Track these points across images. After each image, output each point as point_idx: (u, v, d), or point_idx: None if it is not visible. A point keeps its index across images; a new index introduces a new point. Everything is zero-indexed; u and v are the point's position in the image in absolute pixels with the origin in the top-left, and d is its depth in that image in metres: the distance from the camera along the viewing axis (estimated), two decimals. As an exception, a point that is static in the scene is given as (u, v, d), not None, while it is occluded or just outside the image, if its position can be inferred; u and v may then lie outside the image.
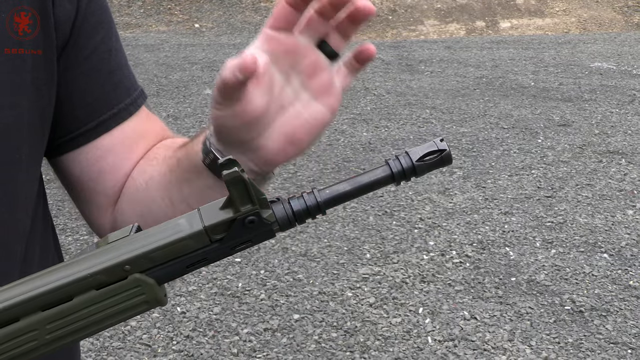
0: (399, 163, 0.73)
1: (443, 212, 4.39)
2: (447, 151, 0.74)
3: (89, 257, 0.70)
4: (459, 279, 3.66)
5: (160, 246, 0.70)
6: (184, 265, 0.71)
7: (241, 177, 0.68)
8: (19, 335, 0.69)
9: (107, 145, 0.94)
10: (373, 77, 7.55)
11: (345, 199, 0.74)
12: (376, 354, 3.10)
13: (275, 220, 0.72)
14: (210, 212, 0.71)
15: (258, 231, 0.71)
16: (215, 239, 0.71)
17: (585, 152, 5.39)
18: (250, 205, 0.70)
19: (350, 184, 0.74)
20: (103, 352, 3.12)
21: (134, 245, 0.70)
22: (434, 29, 11.02)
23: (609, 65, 8.12)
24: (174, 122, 6.02)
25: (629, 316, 3.35)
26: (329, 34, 0.77)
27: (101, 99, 0.93)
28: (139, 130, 0.96)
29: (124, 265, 0.69)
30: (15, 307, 0.68)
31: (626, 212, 4.39)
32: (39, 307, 0.68)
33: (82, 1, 0.90)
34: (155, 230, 0.71)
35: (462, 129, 5.90)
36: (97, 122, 0.93)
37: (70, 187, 0.99)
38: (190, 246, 0.70)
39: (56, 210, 4.16)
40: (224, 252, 0.72)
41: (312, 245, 3.99)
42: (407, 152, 0.73)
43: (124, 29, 10.17)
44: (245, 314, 3.37)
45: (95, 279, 0.69)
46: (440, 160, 0.74)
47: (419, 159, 0.73)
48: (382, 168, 0.74)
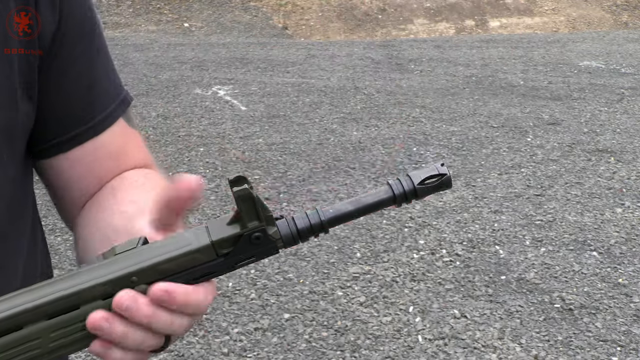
0: (400, 185, 0.75)
1: (433, 211, 4.40)
2: (448, 175, 0.76)
3: (96, 268, 0.71)
4: (449, 277, 3.67)
5: (167, 259, 0.71)
6: (190, 279, 0.72)
7: (251, 194, 0.70)
8: (23, 343, 0.69)
9: (77, 157, 0.95)
10: (363, 77, 7.56)
11: (348, 219, 0.76)
12: (367, 352, 3.10)
13: (280, 237, 0.74)
14: (218, 227, 0.73)
15: (263, 247, 0.73)
16: (221, 253, 0.73)
17: (574, 151, 5.41)
18: (257, 222, 0.72)
19: (353, 205, 0.76)
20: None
21: (141, 257, 0.71)
22: (423, 28, 11.03)
23: (597, 64, 8.15)
24: (164, 122, 6.01)
25: (618, 314, 3.37)
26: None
27: (75, 114, 0.94)
28: (110, 145, 0.97)
29: (131, 277, 0.70)
30: (21, 315, 0.68)
31: (615, 210, 4.41)
32: (45, 316, 0.69)
33: (64, 14, 0.89)
34: (163, 243, 0.72)
35: (452, 128, 5.91)
36: (69, 136, 0.94)
37: (47, 189, 1.01)
38: (196, 260, 0.72)
39: (46, 211, 4.14)
40: (228, 267, 0.74)
41: (302, 244, 3.99)
42: (408, 175, 0.76)
43: (113, 29, 10.13)
44: (236, 314, 3.37)
45: (102, 289, 0.70)
46: (440, 184, 0.76)
47: (420, 182, 0.75)
48: (385, 189, 0.76)
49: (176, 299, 0.70)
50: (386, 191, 0.75)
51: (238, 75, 7.49)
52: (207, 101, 6.59)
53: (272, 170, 5.01)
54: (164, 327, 0.72)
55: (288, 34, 10.66)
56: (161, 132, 5.78)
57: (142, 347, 0.72)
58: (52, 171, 0.96)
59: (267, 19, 11.10)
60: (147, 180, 0.96)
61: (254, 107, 6.43)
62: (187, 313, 0.73)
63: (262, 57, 8.38)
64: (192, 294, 0.71)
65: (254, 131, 5.81)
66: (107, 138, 0.96)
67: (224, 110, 6.33)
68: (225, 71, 7.67)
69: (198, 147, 5.45)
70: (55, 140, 0.93)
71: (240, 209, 0.71)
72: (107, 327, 0.69)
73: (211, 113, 6.25)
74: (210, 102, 6.57)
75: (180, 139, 5.63)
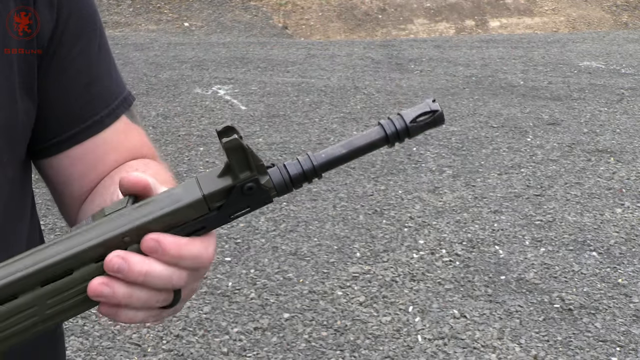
0: (392, 125, 0.73)
1: (433, 210, 4.40)
2: (440, 111, 0.74)
3: (87, 230, 0.69)
4: (448, 277, 3.67)
5: (159, 216, 0.69)
6: (183, 234, 0.71)
7: (241, 145, 0.69)
8: (19, 312, 0.68)
9: (78, 154, 0.95)
10: (363, 76, 7.56)
11: (340, 162, 0.74)
12: (366, 352, 3.10)
13: (272, 186, 0.72)
14: (208, 180, 0.71)
15: (257, 197, 0.71)
16: (214, 207, 0.71)
17: (574, 151, 5.41)
18: (248, 172, 0.70)
19: (345, 147, 0.74)
20: (92, 351, 3.11)
21: (132, 216, 0.69)
22: (423, 28, 11.03)
23: (597, 64, 8.15)
24: (164, 121, 6.01)
25: (617, 314, 3.37)
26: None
27: (74, 112, 0.93)
28: (111, 143, 0.97)
29: (123, 237, 0.69)
30: (14, 284, 0.67)
31: (615, 211, 4.41)
32: (39, 283, 0.68)
33: (63, 12, 0.89)
34: (153, 200, 0.70)
35: (452, 128, 5.91)
36: (68, 135, 0.94)
37: (48, 186, 1.01)
38: (189, 215, 0.70)
39: (45, 210, 4.14)
40: (222, 220, 0.72)
41: (302, 244, 3.99)
42: (400, 114, 0.73)
43: (113, 28, 10.13)
44: (235, 313, 3.37)
45: (95, 251, 0.68)
46: (433, 120, 0.74)
47: (412, 120, 0.73)
48: (376, 130, 0.73)
49: (167, 247, 0.69)
50: (378, 131, 0.73)
51: (238, 75, 7.49)
52: (207, 101, 6.59)
53: (272, 169, 5.01)
54: (163, 282, 0.70)
55: (288, 34, 10.66)
56: (161, 131, 5.78)
57: (149, 304, 0.72)
58: (53, 170, 0.96)
59: (267, 19, 11.10)
60: (147, 168, 0.96)
61: (254, 106, 6.43)
62: (185, 266, 0.71)
63: (262, 56, 8.38)
64: (184, 245, 0.70)
65: (254, 131, 5.80)
66: (109, 135, 0.96)
67: (224, 110, 6.33)
68: (225, 71, 7.67)
69: (198, 147, 5.45)
70: (56, 139, 0.93)
71: (231, 160, 0.69)
72: (109, 291, 0.68)
73: (211, 112, 6.25)
74: (210, 101, 6.57)
75: (180, 139, 5.63)
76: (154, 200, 0.71)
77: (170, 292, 0.73)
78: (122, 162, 0.98)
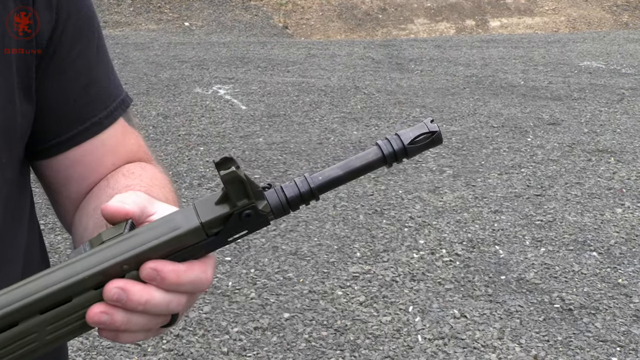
0: (390, 145, 0.72)
1: (433, 210, 4.40)
2: (438, 132, 0.73)
3: (85, 258, 0.70)
4: (448, 277, 3.67)
5: (157, 245, 0.70)
6: (180, 259, 0.71)
7: (238, 177, 0.69)
8: (20, 339, 0.69)
9: (77, 156, 0.95)
10: (363, 76, 7.55)
11: (337, 184, 0.73)
12: (366, 352, 3.10)
13: (270, 210, 0.72)
14: (206, 207, 0.71)
15: (254, 222, 0.72)
16: (212, 233, 0.71)
17: (574, 151, 5.40)
18: (246, 200, 0.70)
19: (342, 169, 0.73)
20: (92, 351, 3.11)
21: (130, 244, 0.70)
22: (424, 28, 11.03)
23: (598, 64, 8.15)
24: (164, 121, 6.00)
25: (617, 314, 3.37)
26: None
27: (73, 114, 0.93)
28: (110, 145, 0.97)
29: (122, 266, 0.69)
30: (14, 313, 0.68)
31: (615, 211, 4.41)
32: (38, 311, 0.69)
33: (62, 13, 0.89)
34: (151, 227, 0.71)
35: (452, 128, 5.91)
36: (67, 136, 0.93)
37: (45, 187, 1.01)
38: (187, 241, 0.71)
39: (45, 209, 4.14)
40: (220, 243, 0.72)
41: (302, 244, 3.99)
42: (397, 134, 0.73)
43: (114, 28, 10.13)
44: (235, 313, 3.37)
45: (94, 279, 0.69)
46: (431, 141, 0.73)
47: (411, 142, 0.73)
48: (374, 151, 0.73)
49: (166, 276, 0.69)
50: (375, 152, 0.73)
51: (238, 75, 7.49)
52: (208, 100, 6.59)
53: (272, 169, 5.01)
54: (162, 308, 0.71)
55: (288, 34, 10.66)
56: (161, 131, 5.78)
57: (148, 327, 0.72)
58: (52, 171, 0.96)
59: (267, 18, 11.10)
60: (144, 172, 0.96)
61: (254, 106, 6.43)
62: (184, 291, 0.72)
63: (263, 56, 8.38)
64: (183, 273, 0.70)
65: (254, 130, 5.80)
66: (107, 137, 0.96)
67: (224, 110, 6.33)
68: (225, 70, 7.66)
69: (198, 146, 5.45)
70: (55, 141, 0.93)
71: (229, 190, 0.69)
72: (107, 319, 0.69)
73: (211, 112, 6.25)
74: (210, 101, 6.57)
75: (181, 138, 5.63)
76: (152, 227, 0.71)
77: (169, 315, 0.74)
78: (119, 165, 0.98)
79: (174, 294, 0.71)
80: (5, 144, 0.85)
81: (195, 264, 0.72)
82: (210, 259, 0.74)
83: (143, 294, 0.69)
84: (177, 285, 0.70)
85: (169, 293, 0.71)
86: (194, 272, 0.71)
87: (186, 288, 0.72)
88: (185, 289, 0.72)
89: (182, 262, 0.71)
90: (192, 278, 0.71)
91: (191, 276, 0.71)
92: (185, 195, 4.55)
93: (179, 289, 0.71)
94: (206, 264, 0.73)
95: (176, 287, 0.71)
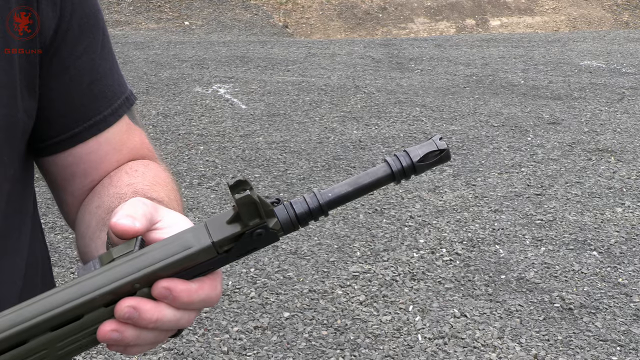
0: (399, 162, 0.73)
1: (433, 210, 4.40)
2: (447, 150, 0.74)
3: (96, 276, 0.70)
4: (449, 276, 3.67)
5: (169, 264, 0.71)
6: (190, 276, 0.72)
7: (252, 200, 0.70)
8: (30, 355, 0.70)
9: (81, 153, 0.95)
10: (363, 75, 7.55)
11: (346, 200, 0.74)
12: (366, 351, 3.10)
13: (280, 227, 0.73)
14: (217, 225, 0.72)
15: (264, 239, 0.73)
16: (222, 251, 0.72)
17: (574, 150, 5.40)
18: (258, 220, 0.71)
19: (351, 185, 0.74)
20: (92, 350, 3.11)
21: (141, 262, 0.70)
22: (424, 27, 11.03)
23: (598, 64, 8.15)
24: (164, 120, 6.00)
25: (618, 313, 3.37)
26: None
27: (78, 110, 0.93)
28: (114, 142, 0.97)
29: (133, 284, 0.70)
30: (25, 332, 0.68)
31: (615, 210, 4.41)
32: (49, 328, 0.69)
33: (66, 10, 0.89)
34: (162, 245, 0.71)
35: (452, 127, 5.91)
36: (72, 133, 0.94)
37: (49, 184, 1.01)
38: (198, 259, 0.72)
39: (45, 209, 4.14)
40: (230, 260, 0.74)
41: (302, 243, 3.99)
42: (406, 151, 0.73)
43: (114, 27, 10.13)
44: (235, 312, 3.37)
45: (105, 298, 0.70)
46: (439, 159, 0.74)
47: (420, 160, 0.73)
48: (383, 168, 0.74)
49: (178, 295, 0.70)
50: (384, 169, 0.73)
51: (238, 74, 7.49)
52: (208, 99, 6.58)
53: (272, 168, 5.01)
54: (172, 326, 0.72)
55: (288, 33, 10.66)
56: (161, 130, 5.78)
57: (157, 341, 0.74)
58: (57, 167, 0.96)
59: (267, 17, 11.10)
60: (147, 170, 0.96)
61: (254, 105, 6.43)
62: (194, 308, 0.73)
63: (263, 55, 8.37)
64: (195, 292, 0.72)
65: (254, 130, 5.80)
66: (112, 135, 0.96)
67: (224, 109, 6.33)
68: (225, 69, 7.66)
69: (198, 146, 5.45)
70: (60, 137, 0.93)
71: (242, 211, 0.70)
72: (118, 336, 0.70)
73: (211, 111, 6.25)
74: (210, 100, 6.57)
75: (181, 138, 5.63)
76: (163, 245, 0.71)
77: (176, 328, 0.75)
78: (123, 162, 0.98)
79: (184, 311, 0.72)
80: (7, 141, 0.86)
81: (205, 282, 0.73)
82: (218, 275, 0.75)
83: (154, 312, 0.70)
84: (188, 304, 0.72)
85: (179, 311, 0.72)
86: (204, 291, 0.72)
87: (197, 306, 0.73)
88: (195, 307, 0.73)
89: (192, 280, 0.72)
90: (203, 297, 0.72)
91: (202, 295, 0.72)
92: (185, 194, 4.55)
93: (190, 307, 0.72)
94: (215, 280, 0.74)
95: (187, 305, 0.72)
